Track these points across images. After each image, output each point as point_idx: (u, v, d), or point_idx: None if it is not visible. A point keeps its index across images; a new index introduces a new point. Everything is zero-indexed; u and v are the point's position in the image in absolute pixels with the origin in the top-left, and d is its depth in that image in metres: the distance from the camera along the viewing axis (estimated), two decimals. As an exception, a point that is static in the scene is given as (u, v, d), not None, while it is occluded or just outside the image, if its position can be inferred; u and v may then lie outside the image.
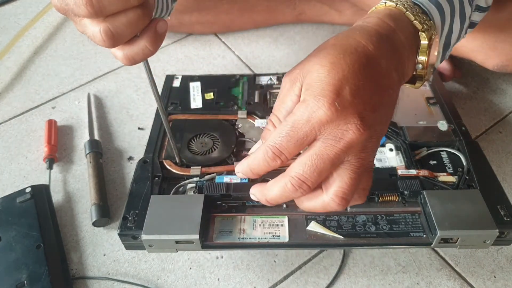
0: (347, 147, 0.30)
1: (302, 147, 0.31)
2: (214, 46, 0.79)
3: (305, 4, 0.76)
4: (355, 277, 0.48)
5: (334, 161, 0.30)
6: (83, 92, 0.72)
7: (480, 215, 0.41)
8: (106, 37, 0.29)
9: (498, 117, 0.65)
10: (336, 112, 0.29)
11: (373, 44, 0.31)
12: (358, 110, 0.29)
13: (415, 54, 0.34)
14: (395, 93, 0.33)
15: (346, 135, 0.29)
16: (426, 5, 0.35)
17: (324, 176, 0.31)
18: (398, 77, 0.33)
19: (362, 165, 0.31)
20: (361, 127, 0.29)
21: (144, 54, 0.31)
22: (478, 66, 0.61)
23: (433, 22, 0.35)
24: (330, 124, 0.29)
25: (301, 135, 0.30)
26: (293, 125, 0.30)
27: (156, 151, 0.51)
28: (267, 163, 0.31)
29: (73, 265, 0.51)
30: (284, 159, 0.31)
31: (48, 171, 0.59)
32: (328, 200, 0.31)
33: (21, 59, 0.79)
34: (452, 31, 0.37)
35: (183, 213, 0.42)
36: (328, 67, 0.30)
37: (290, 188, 0.31)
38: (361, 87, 0.30)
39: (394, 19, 0.33)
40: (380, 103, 0.31)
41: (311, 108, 0.29)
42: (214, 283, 0.49)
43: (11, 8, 0.90)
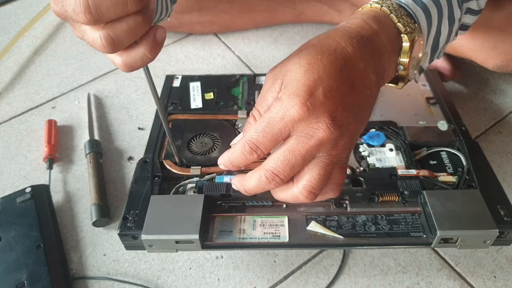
0: (318, 145, 0.31)
1: (277, 143, 0.32)
2: (214, 46, 0.79)
3: (305, 4, 0.76)
4: (355, 277, 0.48)
5: (305, 157, 0.32)
6: (83, 92, 0.72)
7: (480, 215, 0.41)
8: (106, 44, 0.29)
9: (498, 117, 0.65)
10: (307, 111, 0.30)
11: (353, 46, 0.32)
12: (329, 110, 0.31)
13: (397, 55, 0.35)
14: (373, 94, 0.34)
15: (316, 133, 0.31)
16: (412, 7, 0.36)
17: (296, 170, 0.33)
18: (377, 78, 0.34)
19: (332, 162, 0.33)
20: (331, 126, 0.31)
21: (142, 61, 0.31)
22: (478, 66, 0.61)
23: (418, 25, 0.35)
24: (302, 122, 0.31)
25: (275, 131, 0.32)
26: (269, 121, 0.32)
27: (156, 151, 0.51)
28: (245, 156, 0.33)
29: (73, 265, 0.51)
30: (260, 153, 0.33)
31: (48, 171, 0.59)
32: (297, 193, 0.33)
33: (21, 59, 0.79)
34: (440, 34, 0.38)
35: (183, 213, 0.42)
36: (305, 68, 0.31)
37: (264, 180, 0.33)
38: (335, 88, 0.31)
39: (378, 21, 0.34)
40: (355, 103, 0.32)
41: (285, 106, 0.31)
42: (214, 283, 0.49)
43: (11, 8, 0.90)
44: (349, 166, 0.48)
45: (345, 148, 0.33)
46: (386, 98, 0.57)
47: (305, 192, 0.33)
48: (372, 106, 0.35)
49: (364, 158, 0.49)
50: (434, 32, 0.37)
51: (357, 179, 0.46)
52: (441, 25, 0.38)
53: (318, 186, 0.33)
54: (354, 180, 0.46)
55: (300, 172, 0.33)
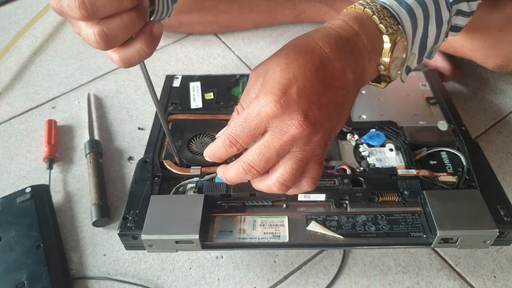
0: (291, 140, 0.33)
1: (255, 137, 0.34)
2: (214, 46, 0.79)
3: (305, 4, 0.76)
4: (355, 277, 0.48)
5: (279, 152, 0.33)
6: (83, 92, 0.72)
7: (480, 215, 0.41)
8: (100, 39, 0.29)
9: (498, 117, 0.65)
10: (281, 108, 0.32)
11: (330, 46, 0.34)
12: (302, 108, 0.32)
13: (378, 56, 0.36)
14: (350, 93, 0.35)
15: (290, 129, 0.32)
16: (396, 9, 0.37)
17: (271, 163, 0.34)
18: (355, 78, 0.35)
19: (305, 157, 0.34)
20: (303, 123, 0.32)
21: (140, 56, 0.32)
22: (478, 66, 0.61)
23: (401, 26, 0.36)
24: (276, 118, 0.32)
25: (252, 127, 0.33)
26: (246, 117, 0.33)
27: (156, 151, 0.51)
28: (225, 149, 0.35)
29: (73, 265, 0.51)
30: (239, 147, 0.35)
31: (48, 171, 0.59)
32: (271, 184, 0.35)
33: (21, 59, 0.79)
34: (427, 35, 0.39)
35: (183, 213, 0.42)
36: (281, 67, 0.33)
37: (242, 171, 0.35)
38: (309, 87, 0.33)
39: (359, 22, 0.36)
40: (330, 102, 0.34)
41: (261, 103, 0.33)
42: (214, 283, 0.49)
43: (11, 8, 0.90)
44: (349, 166, 0.48)
45: (320, 144, 0.34)
46: (386, 98, 0.57)
47: (278, 184, 0.35)
48: (350, 104, 0.36)
49: (364, 158, 0.49)
50: (421, 33, 0.38)
51: (357, 179, 0.46)
52: (428, 27, 0.38)
53: (290, 179, 0.34)
54: (354, 180, 0.46)
55: (275, 165, 0.35)
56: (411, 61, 0.40)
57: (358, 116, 0.54)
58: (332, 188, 0.45)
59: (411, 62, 0.40)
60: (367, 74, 0.37)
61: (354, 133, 0.52)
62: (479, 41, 0.56)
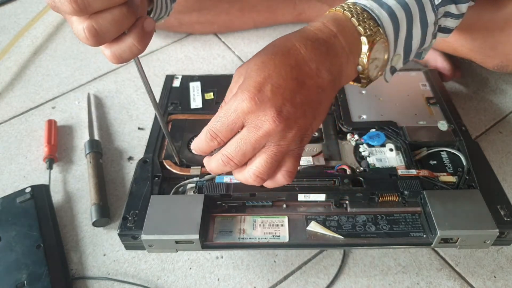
0: (265, 135, 0.34)
1: (233, 132, 0.36)
2: (214, 46, 0.79)
3: (305, 4, 0.76)
4: (355, 277, 0.48)
5: (255, 146, 0.35)
6: (83, 92, 0.72)
7: (480, 215, 0.41)
8: (89, 35, 0.30)
9: (498, 117, 0.65)
10: (255, 105, 0.34)
11: (306, 47, 0.35)
12: (276, 105, 0.34)
13: (356, 56, 0.38)
14: (326, 92, 0.36)
15: (264, 124, 0.34)
16: (377, 11, 0.38)
17: (248, 156, 0.36)
18: (331, 77, 0.36)
19: (280, 152, 0.35)
20: (276, 120, 0.34)
21: (131, 52, 0.32)
22: (478, 66, 0.61)
23: (381, 28, 0.38)
24: (252, 114, 0.34)
25: (230, 122, 0.35)
26: (225, 113, 0.35)
27: (156, 151, 0.51)
28: (207, 143, 0.37)
29: (73, 265, 0.51)
30: (220, 141, 0.36)
31: (48, 171, 0.59)
32: (247, 176, 0.37)
33: (21, 59, 0.79)
34: (412, 36, 0.40)
35: (183, 213, 0.43)
36: (258, 66, 0.35)
37: (221, 163, 0.37)
38: (283, 85, 0.34)
39: (338, 24, 0.37)
40: (304, 100, 0.35)
41: (238, 100, 0.34)
42: (214, 283, 0.49)
43: (11, 8, 0.90)
44: (349, 166, 0.48)
45: (295, 140, 0.35)
46: (386, 98, 0.57)
47: (253, 176, 0.36)
48: (327, 103, 0.37)
49: (364, 158, 0.49)
50: (404, 34, 0.39)
51: (357, 179, 0.46)
52: (412, 28, 0.39)
53: (265, 172, 0.36)
54: (354, 180, 0.46)
55: (252, 158, 0.36)
56: (395, 61, 0.41)
57: (358, 116, 0.54)
58: (332, 188, 0.45)
59: (396, 63, 0.41)
60: (344, 74, 0.38)
61: (354, 133, 0.52)
62: (479, 41, 0.56)
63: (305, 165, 0.48)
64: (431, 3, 0.40)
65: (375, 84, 0.61)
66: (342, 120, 0.54)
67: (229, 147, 0.36)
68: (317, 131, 0.53)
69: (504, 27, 0.52)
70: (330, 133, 0.53)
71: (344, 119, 0.54)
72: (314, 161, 0.49)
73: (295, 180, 0.46)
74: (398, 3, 0.38)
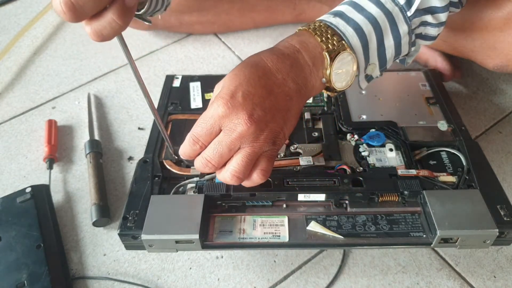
0: (239, 137, 0.37)
1: (213, 136, 0.39)
2: (214, 46, 0.79)
3: (305, 4, 0.76)
4: (355, 277, 0.48)
5: (230, 147, 0.38)
6: (83, 92, 0.72)
7: (480, 215, 0.41)
8: (66, 9, 0.30)
9: (498, 117, 0.65)
10: (228, 109, 0.37)
11: (272, 61, 0.39)
12: (247, 109, 0.37)
13: (320, 69, 0.41)
14: (293, 100, 0.40)
15: (237, 127, 0.37)
16: (342, 27, 0.41)
17: (225, 158, 0.39)
18: (297, 87, 0.40)
19: (254, 152, 0.38)
20: (248, 122, 0.37)
21: (112, 29, 0.32)
22: (477, 66, 0.61)
23: (346, 42, 0.41)
24: (226, 118, 0.37)
25: (209, 126, 0.38)
26: (204, 119, 0.39)
27: (156, 151, 0.51)
28: (191, 147, 0.40)
29: (73, 265, 0.51)
30: (201, 145, 0.39)
31: (48, 171, 0.59)
32: (226, 176, 0.40)
33: (21, 59, 0.79)
34: (384, 47, 0.43)
35: (183, 213, 0.43)
36: (231, 77, 0.39)
37: (201, 165, 0.40)
38: (253, 92, 0.38)
39: (301, 41, 0.41)
40: (273, 105, 0.39)
41: (214, 106, 0.38)
42: (214, 283, 0.49)
43: (11, 8, 0.90)
44: (349, 166, 0.48)
45: (267, 142, 0.39)
46: (386, 99, 0.57)
47: (230, 175, 0.39)
48: (296, 110, 0.41)
49: (364, 158, 0.49)
50: (375, 45, 0.42)
51: (357, 179, 0.46)
52: (384, 40, 0.42)
53: (241, 171, 0.39)
54: (354, 180, 0.46)
55: (229, 160, 0.39)
56: (371, 70, 0.44)
57: (358, 116, 0.55)
58: (332, 188, 0.45)
59: (372, 71, 0.44)
60: (310, 85, 0.41)
61: (354, 133, 0.52)
62: (479, 41, 0.56)
63: (305, 165, 0.48)
64: (403, 15, 0.42)
65: (375, 84, 0.61)
66: (342, 120, 0.54)
67: (208, 150, 0.39)
68: (317, 131, 0.53)
69: (504, 27, 0.52)
70: (330, 133, 0.53)
71: (344, 119, 0.54)
72: (314, 161, 0.49)
73: (295, 180, 0.46)
74: (366, 17, 0.41)
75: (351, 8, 0.42)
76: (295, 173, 0.48)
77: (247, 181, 0.40)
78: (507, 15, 0.51)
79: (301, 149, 0.51)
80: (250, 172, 0.39)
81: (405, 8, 0.42)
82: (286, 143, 0.52)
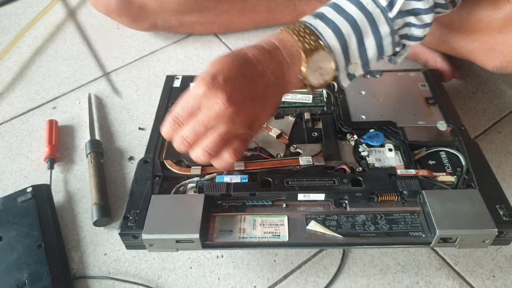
0: (217, 117, 0.39)
1: (192, 115, 0.41)
2: (214, 47, 0.79)
3: (305, 4, 0.76)
4: (354, 277, 0.49)
5: (207, 125, 0.40)
6: (84, 92, 0.72)
7: (479, 215, 0.41)
8: None
9: (497, 117, 0.65)
10: (209, 89, 0.39)
11: (253, 54, 0.42)
12: (226, 91, 0.39)
13: (297, 66, 0.43)
14: (271, 89, 0.42)
15: (215, 106, 0.39)
16: (320, 28, 0.43)
17: (200, 136, 0.41)
18: (276, 79, 0.42)
19: (229, 132, 0.40)
20: (226, 103, 0.39)
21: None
22: (477, 67, 0.61)
23: (323, 41, 0.43)
24: (205, 97, 0.39)
25: (189, 106, 0.40)
26: (185, 99, 0.41)
27: (157, 151, 0.51)
28: (171, 128, 0.42)
29: (74, 264, 0.51)
30: (180, 124, 0.41)
31: (49, 170, 0.59)
32: (197, 151, 0.42)
33: (21, 59, 0.79)
34: (365, 47, 0.44)
35: (184, 213, 0.43)
36: (213, 63, 0.41)
37: (178, 142, 0.42)
38: (234, 77, 0.40)
39: (280, 39, 0.43)
40: (252, 92, 0.41)
41: (195, 87, 0.40)
42: (214, 282, 0.49)
43: (11, 8, 0.90)
44: (348, 166, 0.48)
45: (243, 125, 0.41)
46: (385, 99, 0.58)
47: (202, 151, 0.41)
48: (273, 99, 0.43)
49: (364, 158, 0.49)
50: (355, 46, 0.44)
51: (357, 179, 0.46)
52: (364, 40, 0.44)
53: (213, 148, 0.41)
54: (354, 180, 0.46)
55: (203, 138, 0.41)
56: (353, 69, 0.45)
57: (357, 116, 0.55)
58: (331, 187, 0.45)
59: (354, 70, 0.45)
60: (287, 79, 0.43)
61: (354, 133, 0.52)
62: (478, 42, 0.56)
63: (304, 165, 0.49)
64: (384, 16, 0.43)
65: (374, 84, 0.61)
66: (341, 120, 0.54)
67: (185, 128, 0.41)
68: (317, 131, 0.54)
69: (504, 28, 0.53)
70: (330, 133, 0.53)
71: (343, 119, 0.54)
72: (314, 161, 0.49)
73: (295, 179, 0.46)
74: (345, 19, 0.43)
75: (332, 9, 0.44)
76: (294, 173, 0.48)
77: (217, 160, 0.42)
78: (507, 16, 0.51)
79: (301, 149, 0.51)
80: (221, 150, 0.41)
81: (387, 9, 0.43)
82: (286, 142, 0.52)
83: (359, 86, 0.59)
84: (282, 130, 0.54)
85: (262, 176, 0.46)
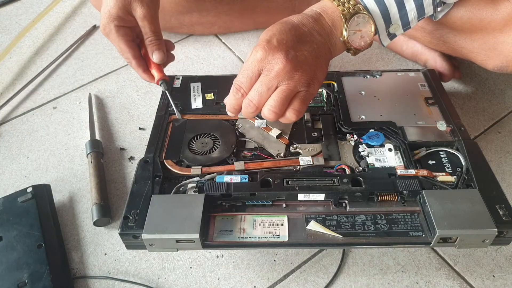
0: (277, 75, 0.43)
1: (253, 81, 0.45)
2: (215, 47, 0.79)
3: (305, 5, 0.75)
4: (354, 276, 0.49)
5: (269, 86, 0.44)
6: (84, 92, 0.72)
7: (479, 215, 0.41)
8: None
9: (496, 117, 0.65)
10: (265, 52, 0.43)
11: (297, 18, 0.46)
12: (283, 50, 0.43)
13: (338, 30, 0.47)
14: (321, 48, 0.46)
15: (275, 67, 0.43)
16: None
17: (265, 97, 0.45)
18: (322, 39, 0.46)
19: (289, 89, 0.44)
20: (284, 60, 0.43)
21: None
22: (477, 67, 0.61)
23: (362, 5, 0.47)
24: (264, 60, 0.44)
25: (249, 72, 0.44)
26: (245, 66, 0.45)
27: (157, 151, 0.51)
28: (233, 96, 0.46)
29: (74, 264, 0.51)
30: (243, 92, 0.46)
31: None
32: (264, 111, 0.45)
33: (22, 59, 0.79)
34: (405, 10, 0.47)
35: (184, 213, 0.43)
36: (264, 32, 0.45)
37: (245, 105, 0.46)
38: (286, 38, 0.44)
39: (321, 6, 0.48)
40: (304, 50, 0.44)
41: (253, 53, 0.44)
42: (214, 282, 0.49)
43: (12, 8, 0.91)
44: (348, 166, 0.48)
45: (301, 81, 0.44)
46: (385, 99, 0.58)
47: (268, 111, 0.45)
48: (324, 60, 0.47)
49: (364, 158, 0.50)
50: (396, 9, 0.47)
51: (357, 178, 0.46)
52: (405, 4, 0.47)
53: (278, 107, 0.44)
54: (354, 179, 0.46)
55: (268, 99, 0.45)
56: (394, 29, 0.49)
57: (357, 116, 0.55)
58: (331, 187, 0.45)
59: (396, 30, 0.49)
60: (332, 41, 0.47)
61: (354, 133, 0.52)
62: (478, 42, 0.56)
63: (304, 164, 0.49)
64: None
65: (374, 84, 0.61)
66: (341, 120, 0.54)
67: (250, 92, 0.45)
68: (317, 131, 0.54)
69: (504, 28, 0.53)
70: (330, 133, 0.53)
71: (343, 119, 0.54)
72: (314, 161, 0.49)
73: (295, 179, 0.46)
74: None
75: None
76: (294, 173, 0.48)
77: (282, 118, 0.46)
78: (507, 16, 0.51)
79: (301, 149, 0.51)
80: (285, 109, 0.45)
81: None
82: (286, 142, 0.52)
83: (359, 86, 0.59)
84: (282, 130, 0.54)
85: (262, 176, 0.46)
